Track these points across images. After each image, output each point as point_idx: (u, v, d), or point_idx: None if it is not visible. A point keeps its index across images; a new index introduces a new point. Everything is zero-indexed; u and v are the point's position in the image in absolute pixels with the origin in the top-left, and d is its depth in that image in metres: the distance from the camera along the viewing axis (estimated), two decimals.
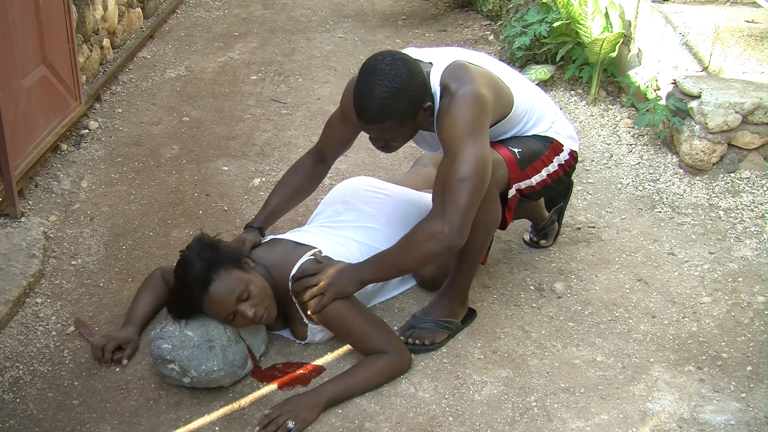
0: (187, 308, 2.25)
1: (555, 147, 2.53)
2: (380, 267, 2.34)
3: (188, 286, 2.22)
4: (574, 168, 2.64)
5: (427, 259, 2.30)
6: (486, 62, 2.44)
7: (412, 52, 2.42)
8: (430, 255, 2.25)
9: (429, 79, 2.30)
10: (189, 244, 2.30)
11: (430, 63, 2.34)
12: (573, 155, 2.60)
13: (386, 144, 2.36)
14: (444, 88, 2.28)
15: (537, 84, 4.13)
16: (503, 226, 2.50)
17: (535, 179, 2.50)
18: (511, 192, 2.46)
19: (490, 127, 2.32)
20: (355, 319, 2.33)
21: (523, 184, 2.48)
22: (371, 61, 2.26)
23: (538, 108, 2.51)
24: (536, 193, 2.55)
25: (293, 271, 2.37)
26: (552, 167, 2.53)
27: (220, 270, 2.24)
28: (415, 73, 2.24)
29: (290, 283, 2.37)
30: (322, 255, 2.44)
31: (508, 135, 2.49)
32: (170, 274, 2.37)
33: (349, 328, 2.33)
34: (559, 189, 2.70)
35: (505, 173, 2.41)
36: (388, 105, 2.21)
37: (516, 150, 2.43)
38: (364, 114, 2.25)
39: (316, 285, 2.32)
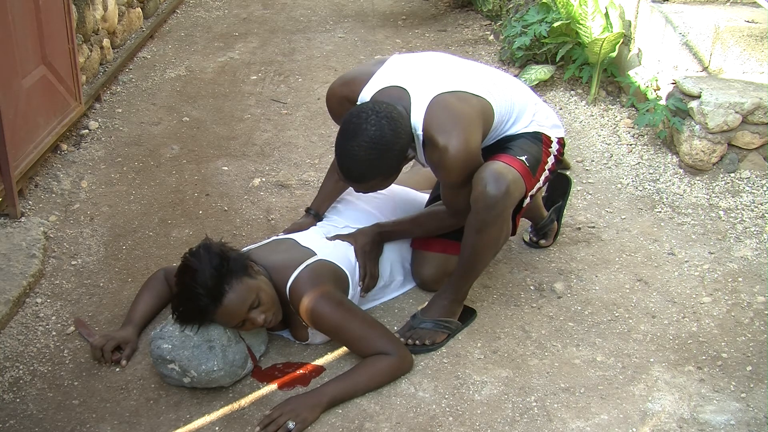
0: (198, 318, 2.23)
1: (545, 141, 2.53)
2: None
3: (199, 296, 2.18)
4: (563, 153, 2.64)
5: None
6: (462, 71, 2.44)
7: (396, 59, 2.44)
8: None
9: (410, 118, 2.28)
10: (195, 251, 2.25)
11: (406, 91, 2.31)
12: (561, 142, 2.59)
13: (370, 191, 2.39)
14: (428, 137, 2.28)
15: (537, 84, 4.14)
16: (513, 232, 2.51)
17: (542, 180, 2.52)
18: (526, 200, 2.48)
19: None
20: (354, 323, 2.32)
21: (534, 189, 2.50)
22: (354, 119, 2.21)
23: (518, 104, 2.49)
24: (541, 191, 2.57)
25: (291, 280, 2.36)
26: (550, 162, 2.54)
27: (232, 281, 2.22)
28: (399, 129, 2.22)
29: (287, 294, 2.37)
30: (320, 259, 2.43)
31: (493, 140, 2.48)
32: (173, 276, 2.34)
33: (350, 334, 2.32)
34: (555, 181, 2.72)
35: (524, 188, 2.41)
36: (373, 167, 2.22)
37: (524, 158, 2.42)
38: (349, 175, 2.26)
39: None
